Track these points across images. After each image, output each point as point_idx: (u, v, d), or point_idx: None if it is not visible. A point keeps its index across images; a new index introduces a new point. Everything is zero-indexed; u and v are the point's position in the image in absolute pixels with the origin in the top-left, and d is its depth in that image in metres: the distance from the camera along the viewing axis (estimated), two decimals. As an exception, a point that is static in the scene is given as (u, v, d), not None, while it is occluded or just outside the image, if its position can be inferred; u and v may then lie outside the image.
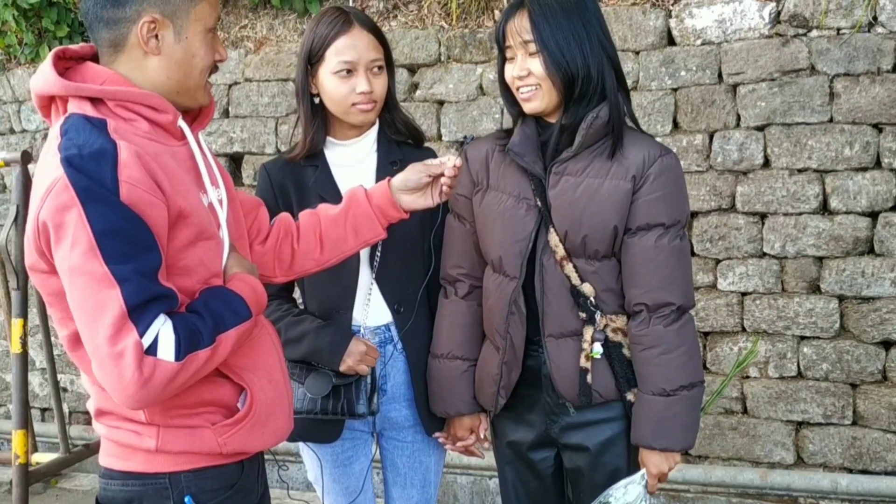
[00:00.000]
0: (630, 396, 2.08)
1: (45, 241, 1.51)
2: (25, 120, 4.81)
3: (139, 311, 1.46)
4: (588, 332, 2.05)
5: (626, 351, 2.08)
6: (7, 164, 3.54)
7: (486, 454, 2.41)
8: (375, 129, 2.30)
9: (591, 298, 2.04)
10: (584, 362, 2.06)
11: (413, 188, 2.02)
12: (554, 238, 2.04)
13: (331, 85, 2.19)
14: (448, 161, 2.00)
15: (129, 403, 1.51)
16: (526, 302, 2.09)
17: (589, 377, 2.06)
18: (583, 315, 2.05)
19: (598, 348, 2.05)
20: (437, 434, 2.36)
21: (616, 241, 2.03)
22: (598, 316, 2.05)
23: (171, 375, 1.49)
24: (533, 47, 1.98)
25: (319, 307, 2.30)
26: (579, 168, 2.03)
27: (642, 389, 2.05)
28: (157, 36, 1.61)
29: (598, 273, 2.04)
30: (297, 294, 2.43)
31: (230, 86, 4.34)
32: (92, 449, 3.83)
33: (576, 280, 2.04)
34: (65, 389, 4.78)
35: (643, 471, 2.06)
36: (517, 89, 2.05)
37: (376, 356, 2.22)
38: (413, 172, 2.02)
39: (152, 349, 1.47)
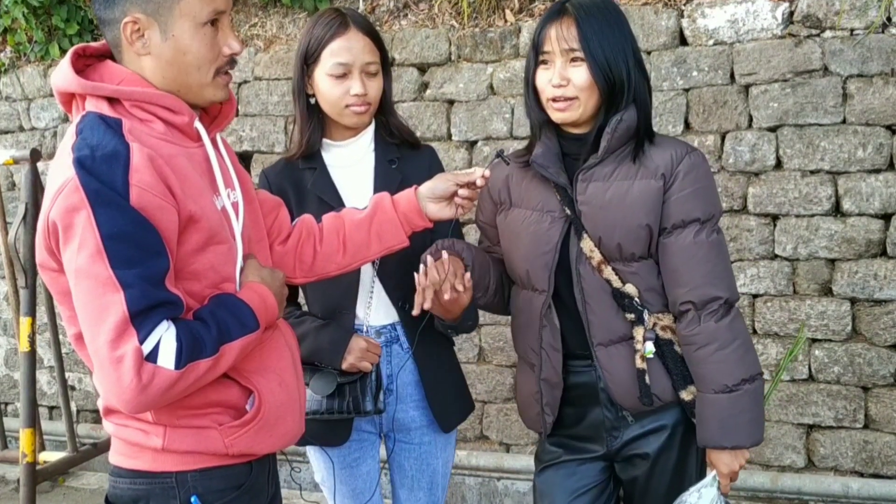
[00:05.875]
0: (685, 395, 2.03)
1: (55, 241, 1.51)
2: (35, 118, 4.81)
3: (142, 317, 1.46)
4: (639, 333, 2.00)
5: (677, 348, 2.03)
6: (16, 161, 3.53)
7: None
8: (372, 128, 2.30)
9: (636, 298, 2.00)
10: (640, 363, 2.01)
11: (440, 197, 2.00)
12: (588, 244, 2.00)
13: (325, 86, 2.19)
14: (477, 171, 1.99)
15: (127, 408, 1.52)
16: (559, 316, 2.05)
17: (647, 378, 2.01)
18: (630, 316, 2.00)
19: (650, 347, 2.01)
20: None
21: (651, 241, 2.00)
22: (645, 315, 2.00)
23: (169, 383, 1.49)
24: (578, 56, 1.94)
25: (322, 308, 2.29)
26: (606, 173, 2.00)
27: (703, 389, 1.99)
28: (143, 36, 1.59)
29: (638, 274, 2.01)
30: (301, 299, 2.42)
31: (240, 84, 4.33)
32: (99, 448, 3.82)
33: (617, 283, 2.00)
34: (73, 388, 4.79)
35: (714, 473, 2.01)
36: (551, 98, 1.99)
37: (378, 352, 2.22)
38: (441, 181, 2.01)
39: (153, 356, 1.47)
